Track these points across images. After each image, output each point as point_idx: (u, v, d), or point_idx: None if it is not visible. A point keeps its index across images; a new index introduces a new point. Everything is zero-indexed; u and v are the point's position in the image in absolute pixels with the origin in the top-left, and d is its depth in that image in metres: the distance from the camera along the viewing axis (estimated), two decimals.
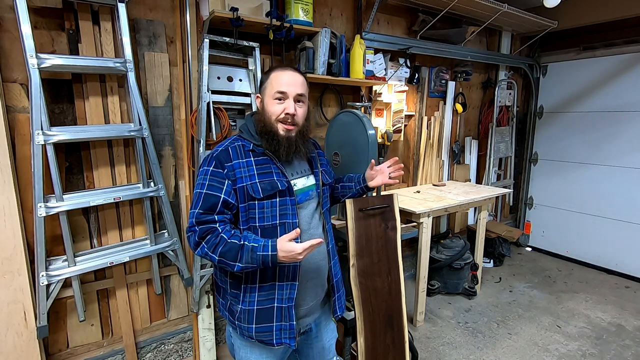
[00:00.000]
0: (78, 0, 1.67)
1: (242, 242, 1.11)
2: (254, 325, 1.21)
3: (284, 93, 1.20)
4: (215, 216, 1.14)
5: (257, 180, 1.17)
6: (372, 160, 1.54)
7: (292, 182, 1.24)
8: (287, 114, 1.20)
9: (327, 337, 1.46)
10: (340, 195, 1.60)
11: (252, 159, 1.20)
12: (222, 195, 1.14)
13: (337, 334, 1.53)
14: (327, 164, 1.52)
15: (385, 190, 3.01)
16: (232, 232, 1.14)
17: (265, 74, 1.27)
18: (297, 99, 1.23)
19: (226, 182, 1.15)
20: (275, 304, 1.21)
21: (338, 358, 1.55)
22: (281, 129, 1.21)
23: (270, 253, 1.10)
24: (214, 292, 1.38)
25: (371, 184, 1.54)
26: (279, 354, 1.33)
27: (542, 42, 3.95)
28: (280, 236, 1.18)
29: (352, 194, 1.58)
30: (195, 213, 1.13)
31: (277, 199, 1.19)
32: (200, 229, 1.12)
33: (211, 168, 1.16)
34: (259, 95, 1.28)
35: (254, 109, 2.10)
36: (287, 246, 1.09)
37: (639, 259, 3.45)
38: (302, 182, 1.30)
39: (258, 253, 1.10)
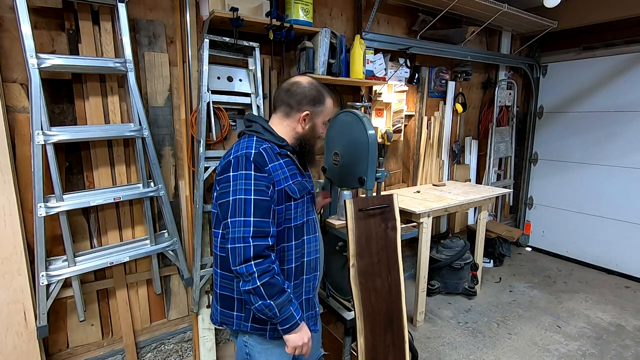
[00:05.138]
0: (78, 0, 1.67)
1: (286, 287, 1.14)
2: None
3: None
4: (271, 229, 1.13)
5: (291, 182, 1.21)
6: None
7: None
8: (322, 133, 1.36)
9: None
10: None
11: (281, 161, 1.22)
12: (270, 200, 1.14)
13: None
14: None
15: (385, 190, 3.01)
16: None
17: (319, 97, 1.29)
18: None
19: (271, 187, 1.15)
20: (304, 296, 1.29)
21: (321, 350, 1.57)
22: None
23: (297, 317, 1.15)
24: (218, 305, 1.37)
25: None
26: None
27: (542, 42, 3.95)
28: (305, 233, 1.29)
29: None
30: (252, 222, 1.09)
31: (305, 198, 1.28)
32: (256, 247, 1.08)
33: (252, 172, 1.12)
34: (309, 112, 1.26)
35: (254, 109, 2.11)
36: (307, 333, 1.19)
37: (639, 259, 3.45)
38: None
39: (291, 308, 1.14)
